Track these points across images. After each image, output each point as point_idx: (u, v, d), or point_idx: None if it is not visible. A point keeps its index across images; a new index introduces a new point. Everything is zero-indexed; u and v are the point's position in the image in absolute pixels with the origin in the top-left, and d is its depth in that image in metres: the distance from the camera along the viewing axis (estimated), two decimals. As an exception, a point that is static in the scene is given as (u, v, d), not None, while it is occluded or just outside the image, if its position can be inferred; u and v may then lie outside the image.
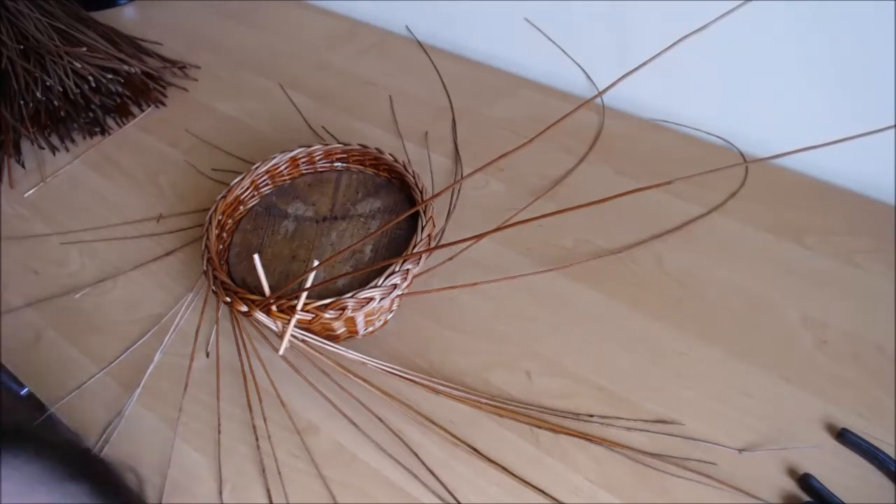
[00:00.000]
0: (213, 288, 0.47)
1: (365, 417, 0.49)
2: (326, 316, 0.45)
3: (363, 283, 0.46)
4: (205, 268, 0.48)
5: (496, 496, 0.45)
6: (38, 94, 0.70)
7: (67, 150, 0.74)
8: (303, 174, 0.59)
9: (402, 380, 0.50)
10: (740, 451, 0.46)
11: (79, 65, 0.72)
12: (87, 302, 0.59)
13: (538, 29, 0.76)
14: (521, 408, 0.49)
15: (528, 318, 0.54)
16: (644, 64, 0.33)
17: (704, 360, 0.51)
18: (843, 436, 0.45)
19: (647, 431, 0.47)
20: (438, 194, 0.41)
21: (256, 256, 0.45)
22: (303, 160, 0.59)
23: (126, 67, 0.75)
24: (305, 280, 0.44)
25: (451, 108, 0.75)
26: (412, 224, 0.52)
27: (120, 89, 0.75)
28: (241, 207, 0.57)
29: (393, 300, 0.51)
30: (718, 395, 0.49)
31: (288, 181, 0.59)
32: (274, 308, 0.45)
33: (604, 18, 0.70)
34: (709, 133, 0.69)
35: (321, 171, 0.60)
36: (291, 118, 0.76)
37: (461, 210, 0.63)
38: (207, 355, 0.54)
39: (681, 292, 0.55)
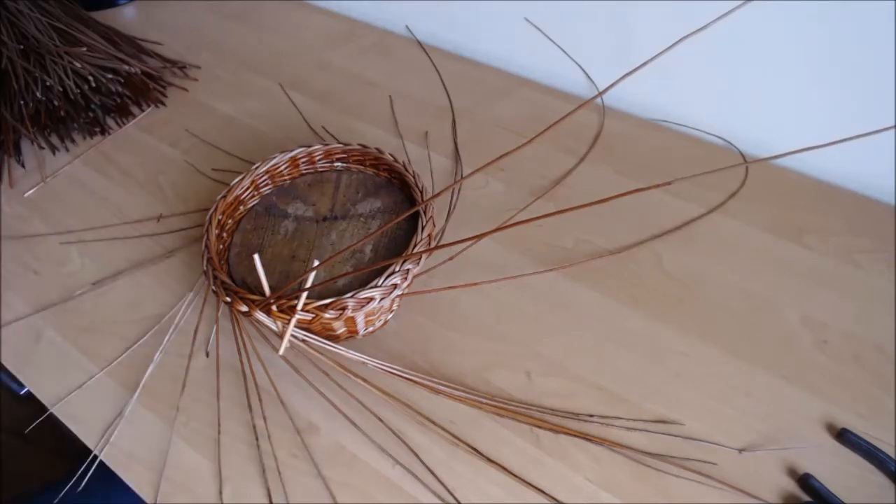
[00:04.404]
0: (213, 288, 0.47)
1: (365, 417, 0.49)
2: (326, 316, 0.45)
3: (363, 283, 0.46)
4: (205, 268, 0.48)
5: (496, 496, 0.45)
6: (38, 94, 0.70)
7: (67, 150, 0.74)
8: (303, 174, 0.59)
9: (402, 380, 0.50)
10: (740, 451, 0.46)
11: (79, 65, 0.72)
12: (87, 302, 0.59)
13: (538, 29, 0.76)
14: (521, 408, 0.49)
15: (528, 318, 0.54)
16: (644, 64, 0.33)
17: (704, 360, 0.51)
18: (843, 436, 0.45)
19: (647, 431, 0.47)
20: (438, 194, 0.41)
21: (256, 256, 0.45)
22: (303, 160, 0.59)
23: (126, 67, 0.75)
24: (305, 280, 0.44)
25: (451, 108, 0.75)
26: (412, 224, 0.52)
27: (120, 89, 0.75)
28: (241, 207, 0.57)
29: (393, 300, 0.51)
30: (718, 395, 0.49)
31: (288, 181, 0.59)
32: (274, 308, 0.45)
33: (604, 18, 0.70)
34: (709, 133, 0.69)
35: (321, 171, 0.60)
36: (291, 118, 0.76)
37: (461, 210, 0.63)
38: (207, 355, 0.54)
39: (681, 292, 0.56)
